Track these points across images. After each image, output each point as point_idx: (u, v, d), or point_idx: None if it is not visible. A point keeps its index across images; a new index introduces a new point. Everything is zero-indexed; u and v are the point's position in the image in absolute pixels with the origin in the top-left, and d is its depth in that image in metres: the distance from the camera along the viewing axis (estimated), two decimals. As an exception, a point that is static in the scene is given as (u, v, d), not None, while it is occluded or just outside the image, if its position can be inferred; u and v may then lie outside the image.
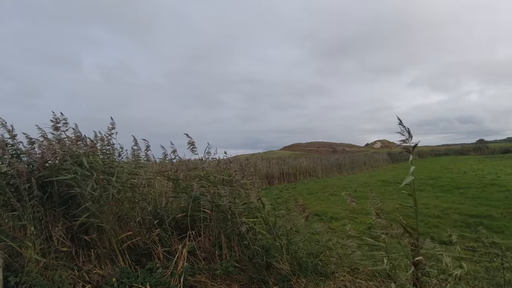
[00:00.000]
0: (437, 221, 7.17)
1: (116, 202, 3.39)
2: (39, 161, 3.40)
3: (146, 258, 3.30)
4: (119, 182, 3.36)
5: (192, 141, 3.67)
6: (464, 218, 7.33)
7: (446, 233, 6.18)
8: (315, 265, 2.63)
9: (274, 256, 2.87)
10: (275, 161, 21.18)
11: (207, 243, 3.40)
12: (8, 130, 3.34)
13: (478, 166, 22.12)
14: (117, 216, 3.32)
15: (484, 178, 14.20)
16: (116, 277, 2.89)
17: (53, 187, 3.31)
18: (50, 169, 3.30)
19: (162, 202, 3.86)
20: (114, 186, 3.23)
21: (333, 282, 2.42)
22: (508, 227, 6.45)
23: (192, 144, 3.68)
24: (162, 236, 3.38)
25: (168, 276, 2.95)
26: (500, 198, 9.31)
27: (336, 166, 26.95)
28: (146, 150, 3.94)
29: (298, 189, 16.32)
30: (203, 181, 3.62)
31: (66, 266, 2.99)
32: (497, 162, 26.28)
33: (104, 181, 3.22)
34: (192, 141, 3.67)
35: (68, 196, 3.30)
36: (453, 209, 8.22)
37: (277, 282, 2.61)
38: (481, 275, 2.57)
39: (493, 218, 7.17)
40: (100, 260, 3.20)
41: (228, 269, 2.89)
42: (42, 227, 3.09)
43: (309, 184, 18.98)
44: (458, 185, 12.53)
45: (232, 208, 3.11)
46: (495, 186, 11.79)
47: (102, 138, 3.67)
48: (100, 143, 3.64)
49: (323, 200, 11.43)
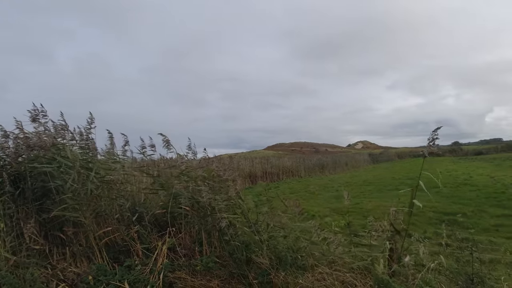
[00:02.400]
0: (414, 218, 7.44)
1: (94, 197, 3.30)
2: (12, 156, 3.26)
3: (124, 255, 3.22)
4: (97, 178, 3.27)
5: (167, 139, 3.62)
6: (438, 215, 7.66)
7: (421, 230, 6.45)
8: (295, 259, 2.66)
9: (254, 251, 2.88)
10: (258, 160, 21.27)
11: (188, 240, 3.37)
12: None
13: (453, 167, 23.16)
14: (95, 212, 3.23)
15: (458, 178, 14.89)
16: (93, 275, 2.80)
17: (26, 182, 3.17)
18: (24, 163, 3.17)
19: (141, 198, 3.78)
20: (92, 181, 3.14)
21: (312, 274, 2.47)
22: (479, 224, 6.81)
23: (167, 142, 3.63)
24: (141, 233, 3.32)
25: (147, 273, 2.89)
26: (472, 197, 9.79)
27: (318, 166, 27.38)
28: (124, 145, 3.83)
29: (281, 188, 16.46)
30: (183, 177, 3.58)
31: (38, 264, 2.87)
32: (470, 163, 27.64)
33: (83, 176, 3.12)
34: (167, 139, 3.62)
35: (42, 191, 3.18)
36: (429, 207, 8.55)
37: (256, 277, 2.62)
38: (453, 267, 2.70)
39: (465, 215, 7.54)
40: (76, 258, 3.09)
41: (208, 264, 2.87)
42: (13, 224, 2.95)
43: (292, 183, 19.19)
44: (433, 184, 13.03)
45: (212, 204, 3.10)
46: (468, 185, 12.39)
47: (80, 132, 3.54)
48: (79, 137, 3.52)
49: (305, 199, 11.60)
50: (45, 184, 3.08)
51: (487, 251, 4.80)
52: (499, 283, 2.48)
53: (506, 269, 3.78)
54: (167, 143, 3.65)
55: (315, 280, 2.39)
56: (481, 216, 7.37)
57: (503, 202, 8.73)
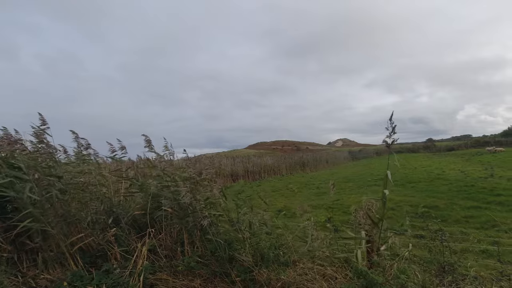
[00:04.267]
0: (392, 212, 7.71)
1: (61, 203, 3.14)
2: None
3: (102, 259, 3.11)
4: (62, 182, 3.12)
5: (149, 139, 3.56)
6: (414, 209, 7.97)
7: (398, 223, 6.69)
8: (277, 256, 2.68)
9: (237, 249, 2.87)
10: (239, 159, 21.25)
11: (169, 240, 3.30)
12: None
13: (427, 163, 24.21)
14: (63, 218, 3.08)
15: (432, 173, 15.57)
16: (68, 281, 2.69)
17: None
18: None
19: (118, 200, 3.66)
20: (56, 186, 2.99)
21: (294, 270, 2.49)
22: (451, 216, 7.15)
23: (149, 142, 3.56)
24: (118, 235, 3.21)
25: (127, 276, 2.81)
26: (444, 191, 10.28)
27: (299, 164, 27.75)
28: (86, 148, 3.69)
29: (263, 186, 16.53)
30: (161, 178, 3.50)
31: (7, 272, 2.71)
32: (443, 158, 29.00)
33: (44, 182, 2.96)
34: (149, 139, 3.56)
35: (3, 199, 2.97)
36: (405, 202, 8.90)
37: (239, 274, 2.61)
38: (426, 257, 2.82)
39: (439, 208, 7.91)
40: (48, 264, 2.95)
41: (190, 264, 2.83)
42: (-23, 231, 2.77)
43: (274, 181, 19.32)
44: (409, 179, 13.58)
45: (193, 204, 3.06)
46: (441, 180, 12.99)
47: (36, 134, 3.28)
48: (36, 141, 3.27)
49: (287, 197, 11.71)
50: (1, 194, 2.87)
51: (458, 241, 5.07)
52: (469, 270, 2.63)
53: (475, 257, 4.00)
54: (148, 143, 3.57)
55: (297, 275, 2.41)
56: (453, 209, 7.75)
57: (472, 195, 9.23)
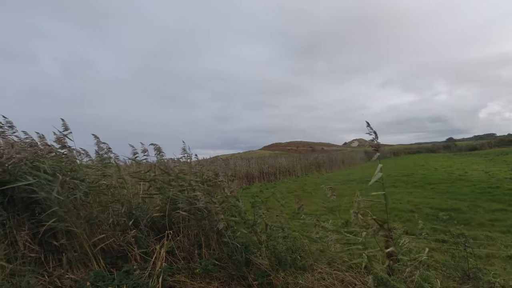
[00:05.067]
0: (410, 215, 7.49)
1: (84, 205, 3.25)
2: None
3: (122, 260, 3.20)
4: (85, 185, 3.23)
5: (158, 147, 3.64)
6: (434, 211, 7.70)
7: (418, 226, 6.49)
8: (294, 259, 2.67)
9: (254, 252, 2.88)
10: (254, 160, 21.26)
11: (186, 243, 3.35)
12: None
13: (448, 163, 23.39)
14: (85, 219, 3.19)
15: (453, 174, 15.03)
16: (91, 281, 2.77)
17: (14, 190, 3.10)
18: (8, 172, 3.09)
19: (137, 202, 3.75)
20: (80, 189, 3.10)
21: (311, 274, 2.47)
22: (474, 219, 6.86)
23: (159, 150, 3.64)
24: (138, 237, 3.29)
25: (146, 277, 2.88)
26: (467, 192, 9.89)
27: (315, 165, 27.47)
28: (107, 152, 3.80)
29: (278, 187, 16.47)
30: (178, 181, 3.56)
31: (35, 271, 2.83)
32: (464, 159, 27.94)
33: (70, 185, 3.07)
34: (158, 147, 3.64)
35: (31, 201, 3.12)
36: (425, 204, 8.62)
37: (256, 278, 2.61)
38: (448, 263, 2.72)
39: (461, 210, 7.61)
40: (72, 264, 3.06)
41: (207, 267, 2.86)
42: (6, 231, 2.90)
43: (289, 182, 19.22)
44: (429, 181, 13.16)
45: (208, 208, 3.09)
46: (463, 181, 12.51)
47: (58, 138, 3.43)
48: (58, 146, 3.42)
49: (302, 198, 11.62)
50: (30, 195, 3.01)
51: (483, 246, 4.86)
52: (496, 278, 2.51)
53: (502, 264, 3.82)
54: (158, 151, 3.65)
55: (314, 280, 2.39)
56: (477, 211, 7.44)
57: (497, 197, 8.83)
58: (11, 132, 3.30)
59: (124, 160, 4.15)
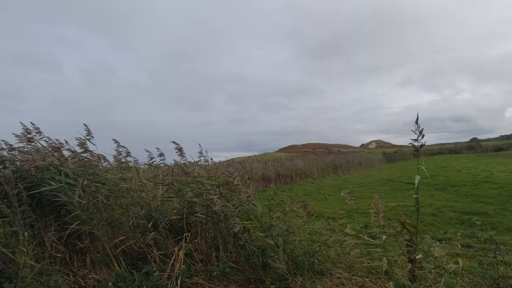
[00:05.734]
0: (432, 219, 7.24)
1: (105, 208, 3.35)
2: (23, 168, 3.30)
3: (142, 261, 3.27)
4: (106, 188, 3.33)
5: (180, 147, 3.69)
6: (458, 215, 7.40)
7: (441, 231, 6.25)
8: (312, 264, 2.63)
9: (271, 256, 2.87)
10: (271, 163, 21.21)
11: (204, 245, 3.39)
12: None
13: (472, 164, 22.41)
14: (107, 222, 3.29)
15: (478, 176, 14.37)
16: (112, 282, 2.86)
17: (41, 193, 3.25)
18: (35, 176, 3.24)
19: (155, 205, 3.83)
20: (101, 192, 3.20)
21: (330, 279, 2.43)
22: (502, 223, 6.53)
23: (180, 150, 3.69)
24: (157, 239, 3.36)
25: (165, 279, 2.93)
26: (493, 195, 9.43)
27: (332, 167, 27.08)
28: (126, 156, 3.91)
29: (295, 190, 16.35)
30: (195, 185, 3.61)
31: (61, 271, 2.95)
32: (490, 160, 26.64)
33: (92, 188, 3.18)
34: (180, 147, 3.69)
35: (57, 204, 3.25)
36: (448, 207, 8.30)
37: (274, 282, 2.60)
38: (475, 270, 2.60)
39: (487, 214, 7.26)
40: (95, 265, 3.17)
41: (225, 270, 2.88)
42: (35, 232, 3.05)
43: (305, 185, 19.04)
44: (452, 183, 12.66)
45: (224, 211, 3.11)
46: (489, 183, 11.94)
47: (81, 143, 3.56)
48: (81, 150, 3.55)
49: (319, 201, 11.47)
50: (54, 199, 3.14)
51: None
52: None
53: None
54: (180, 151, 3.70)
55: (333, 285, 2.35)
56: (504, 215, 7.08)
57: (527, 200, 8.38)
58: (39, 138, 3.46)
59: (143, 163, 4.27)
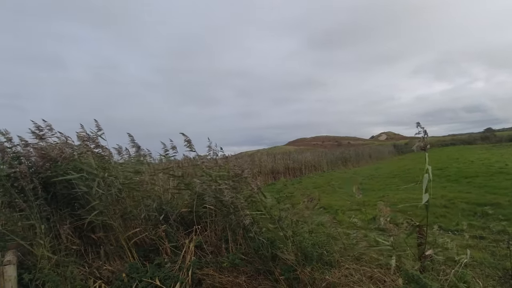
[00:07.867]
0: (444, 210, 7.12)
1: (119, 200, 3.43)
2: (38, 163, 3.41)
3: (154, 253, 3.36)
4: (119, 181, 3.41)
5: (189, 139, 3.72)
6: (471, 207, 7.26)
7: (453, 223, 6.16)
8: (320, 255, 2.65)
9: (280, 248, 2.90)
10: (280, 156, 21.17)
11: (214, 237, 3.44)
12: (2, 133, 3.33)
13: (486, 155, 21.83)
14: (120, 214, 3.37)
15: (492, 167, 14.01)
16: (126, 273, 2.94)
17: (56, 187, 3.34)
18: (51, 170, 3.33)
19: (167, 198, 3.90)
20: (115, 185, 3.28)
21: (338, 270, 2.44)
22: (517, 215, 6.37)
23: (189, 142, 3.72)
24: (168, 231, 3.43)
25: (177, 270, 3.00)
26: (507, 186, 9.19)
27: (341, 159, 26.86)
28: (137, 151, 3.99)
29: (304, 183, 16.32)
30: (204, 177, 3.65)
31: (76, 263, 3.06)
32: (505, 150, 25.89)
33: (106, 181, 3.26)
34: (189, 139, 3.72)
35: (71, 197, 3.35)
36: (460, 199, 8.15)
37: (283, 272, 2.64)
38: (487, 261, 2.57)
39: (501, 206, 7.10)
40: (109, 256, 3.26)
41: (235, 261, 2.93)
42: (51, 225, 3.15)
43: (315, 178, 18.97)
44: (465, 174, 12.39)
45: (234, 203, 3.14)
46: (503, 174, 11.63)
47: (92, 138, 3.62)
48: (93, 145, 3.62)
49: (328, 194, 11.42)
50: (69, 192, 3.23)
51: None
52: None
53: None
54: (188, 143, 3.74)
55: (342, 276, 2.37)
56: (519, 207, 6.91)
57: (543, 191, 8.14)
58: (51, 134, 3.55)
59: (155, 158, 4.35)
